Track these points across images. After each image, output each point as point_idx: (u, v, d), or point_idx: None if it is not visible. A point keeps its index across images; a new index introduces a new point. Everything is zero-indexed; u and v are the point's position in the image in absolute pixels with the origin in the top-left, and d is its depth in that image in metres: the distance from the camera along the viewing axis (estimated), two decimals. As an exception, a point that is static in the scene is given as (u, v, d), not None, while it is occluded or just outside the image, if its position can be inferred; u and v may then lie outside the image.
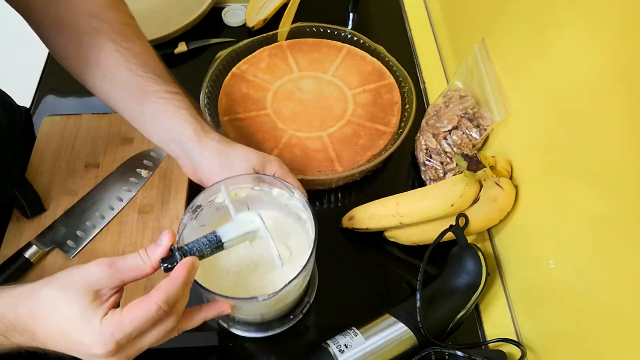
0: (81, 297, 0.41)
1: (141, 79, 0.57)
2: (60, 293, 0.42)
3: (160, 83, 0.58)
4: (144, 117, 0.58)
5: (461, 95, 0.69)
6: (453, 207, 0.59)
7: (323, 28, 0.85)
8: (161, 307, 0.42)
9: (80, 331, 0.41)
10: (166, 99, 0.57)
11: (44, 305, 0.42)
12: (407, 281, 0.65)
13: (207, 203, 0.55)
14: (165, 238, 0.45)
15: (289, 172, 0.59)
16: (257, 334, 0.59)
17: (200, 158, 0.56)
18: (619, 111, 0.43)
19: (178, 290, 0.43)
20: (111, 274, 0.42)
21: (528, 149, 0.59)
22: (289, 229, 0.58)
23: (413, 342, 0.54)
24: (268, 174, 0.57)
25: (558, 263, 0.52)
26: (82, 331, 0.41)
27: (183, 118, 0.56)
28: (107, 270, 0.42)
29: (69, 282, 0.42)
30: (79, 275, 0.42)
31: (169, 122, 0.57)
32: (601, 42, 0.45)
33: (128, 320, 0.41)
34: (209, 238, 0.48)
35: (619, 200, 0.43)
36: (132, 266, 0.43)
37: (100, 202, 0.67)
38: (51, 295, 0.42)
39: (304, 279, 0.55)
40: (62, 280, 0.43)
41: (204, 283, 0.48)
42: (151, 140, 0.59)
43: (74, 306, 0.41)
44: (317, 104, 0.77)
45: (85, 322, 0.41)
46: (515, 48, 0.61)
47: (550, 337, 0.54)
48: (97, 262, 0.43)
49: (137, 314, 0.42)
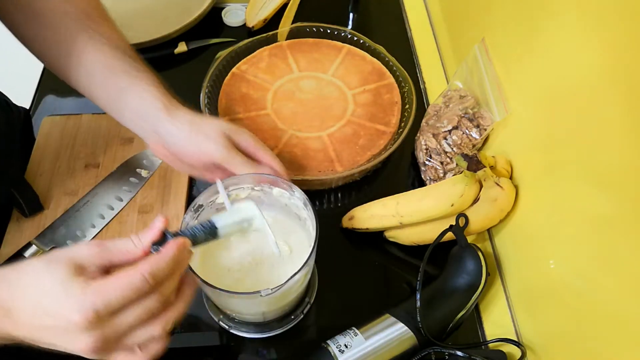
0: (65, 268, 0.39)
1: (110, 60, 0.57)
2: (44, 266, 0.40)
3: (129, 63, 0.58)
4: (114, 98, 0.58)
5: (461, 95, 0.69)
6: (453, 207, 0.59)
7: (323, 28, 0.85)
8: (146, 278, 0.39)
9: (59, 299, 0.39)
10: (136, 78, 0.57)
11: (26, 277, 0.40)
12: (407, 281, 0.65)
13: (208, 203, 0.55)
14: (157, 222, 0.43)
15: (262, 144, 0.59)
16: (257, 335, 0.59)
17: (172, 128, 0.56)
18: (618, 111, 0.43)
19: (166, 265, 0.41)
20: (99, 252, 0.41)
21: (528, 149, 0.59)
22: (290, 228, 0.58)
23: (413, 342, 0.54)
24: (241, 142, 0.57)
25: (558, 263, 0.52)
26: (62, 298, 0.39)
27: (153, 95, 0.57)
28: (95, 248, 0.41)
29: (54, 256, 0.40)
30: (66, 251, 0.41)
31: (140, 101, 0.57)
32: (601, 42, 0.45)
33: (110, 287, 0.39)
34: (203, 224, 0.47)
35: (619, 200, 0.43)
36: (123, 248, 0.42)
37: (100, 202, 0.67)
38: (35, 268, 0.40)
39: (306, 276, 0.55)
40: (48, 256, 0.41)
41: (207, 280, 0.48)
42: (120, 121, 0.59)
43: (56, 275, 0.39)
44: (317, 104, 0.77)
45: (65, 289, 0.39)
46: (515, 48, 0.61)
47: (550, 337, 0.54)
48: (87, 241, 0.42)
49: (120, 282, 0.39)
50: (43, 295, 0.40)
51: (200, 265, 0.53)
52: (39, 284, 0.40)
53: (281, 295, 0.51)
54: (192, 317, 0.61)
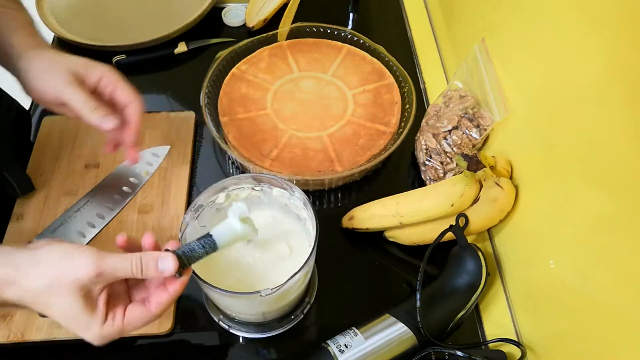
0: (74, 300, 0.43)
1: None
2: (50, 293, 0.43)
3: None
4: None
5: (461, 95, 0.69)
6: (453, 207, 0.59)
7: (323, 28, 0.85)
8: (157, 317, 0.47)
9: (80, 328, 0.45)
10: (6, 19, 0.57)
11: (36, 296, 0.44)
12: (407, 281, 0.65)
13: (208, 203, 0.55)
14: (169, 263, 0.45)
15: (121, 79, 0.58)
16: (257, 335, 0.59)
17: (26, 64, 0.55)
18: (619, 111, 0.43)
19: (172, 302, 0.47)
20: (98, 282, 0.44)
21: (528, 149, 0.59)
22: (289, 228, 0.58)
23: (413, 342, 0.54)
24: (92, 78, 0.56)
25: (558, 263, 0.52)
26: (83, 330, 0.45)
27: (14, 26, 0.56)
28: (94, 279, 0.43)
29: (57, 283, 0.43)
30: (67, 276, 0.43)
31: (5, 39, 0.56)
32: (601, 42, 0.45)
33: (128, 329, 0.46)
34: (203, 244, 0.47)
35: (619, 200, 0.43)
36: (122, 275, 0.45)
37: (100, 202, 0.67)
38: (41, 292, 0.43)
39: (306, 275, 0.55)
40: (50, 278, 0.43)
41: (207, 280, 0.48)
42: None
43: (68, 308, 0.44)
44: (317, 104, 0.77)
45: (85, 326, 0.45)
46: (515, 48, 0.61)
47: (550, 337, 0.54)
48: (85, 262, 0.43)
49: (136, 324, 0.46)
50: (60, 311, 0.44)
51: (200, 266, 0.53)
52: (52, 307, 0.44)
53: (281, 295, 0.51)
54: (192, 317, 0.61)
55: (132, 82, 0.83)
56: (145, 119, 0.75)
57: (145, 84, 0.84)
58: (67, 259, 0.44)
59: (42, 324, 0.58)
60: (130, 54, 0.83)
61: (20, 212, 0.66)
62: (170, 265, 0.45)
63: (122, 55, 0.83)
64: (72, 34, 0.85)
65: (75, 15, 0.88)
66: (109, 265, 0.44)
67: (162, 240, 0.64)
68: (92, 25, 0.87)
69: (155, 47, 0.85)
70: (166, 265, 0.45)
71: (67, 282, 0.43)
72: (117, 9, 0.90)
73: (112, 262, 0.44)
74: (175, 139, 0.74)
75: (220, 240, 0.48)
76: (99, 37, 0.85)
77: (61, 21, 0.87)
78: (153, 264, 0.45)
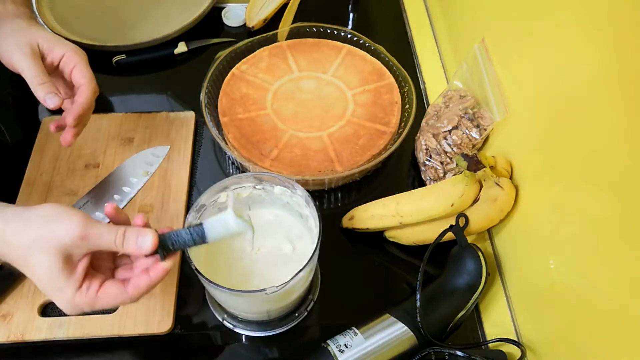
0: (53, 259, 0.43)
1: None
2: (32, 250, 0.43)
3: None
4: None
5: (461, 95, 0.69)
6: (453, 207, 0.59)
7: (323, 28, 0.85)
8: (133, 300, 0.46)
9: (53, 290, 0.45)
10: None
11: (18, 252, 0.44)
12: (407, 281, 0.65)
13: (210, 203, 0.55)
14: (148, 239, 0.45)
15: (83, 61, 0.58)
16: (260, 333, 0.59)
17: (1, 29, 0.56)
18: (618, 111, 0.43)
19: (152, 287, 0.46)
20: (82, 245, 0.44)
21: (528, 149, 0.59)
22: (292, 226, 0.58)
23: (413, 342, 0.54)
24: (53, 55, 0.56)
25: (558, 263, 0.52)
26: (56, 292, 0.45)
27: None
28: (79, 242, 0.43)
29: (41, 240, 0.43)
30: (52, 236, 0.43)
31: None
32: (601, 42, 0.45)
33: (101, 302, 0.45)
34: (191, 231, 0.46)
35: (618, 200, 0.43)
36: (105, 244, 0.45)
37: (100, 203, 0.67)
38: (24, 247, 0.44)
39: (310, 272, 0.55)
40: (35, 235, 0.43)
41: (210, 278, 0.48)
42: None
43: (47, 267, 0.43)
44: (317, 104, 0.77)
45: (58, 288, 0.44)
46: (515, 48, 0.61)
47: (550, 337, 0.54)
48: (72, 225, 0.43)
49: (109, 301, 0.46)
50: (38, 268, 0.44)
51: (204, 265, 0.53)
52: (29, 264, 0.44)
53: (286, 292, 0.51)
54: (192, 317, 0.61)
55: (132, 82, 0.84)
56: (145, 119, 0.76)
57: (145, 84, 0.84)
58: (56, 219, 0.44)
59: (42, 324, 0.58)
60: (130, 54, 0.83)
61: (20, 212, 0.66)
62: (149, 241, 0.45)
63: (122, 55, 0.83)
64: (72, 34, 0.85)
65: (75, 15, 0.88)
66: (94, 232, 0.44)
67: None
68: (92, 25, 0.87)
69: (155, 47, 0.85)
70: (146, 241, 0.45)
71: (51, 240, 0.43)
72: (117, 9, 0.90)
73: (98, 230, 0.44)
74: (175, 139, 0.74)
75: (210, 231, 0.47)
76: (99, 37, 0.84)
77: (61, 21, 0.87)
78: (134, 238, 0.45)
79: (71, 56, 0.57)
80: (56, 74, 0.58)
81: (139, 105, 0.80)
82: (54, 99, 0.56)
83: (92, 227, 0.44)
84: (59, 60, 0.57)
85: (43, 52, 0.56)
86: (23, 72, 0.55)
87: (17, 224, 0.44)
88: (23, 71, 0.55)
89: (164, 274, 0.46)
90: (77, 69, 0.57)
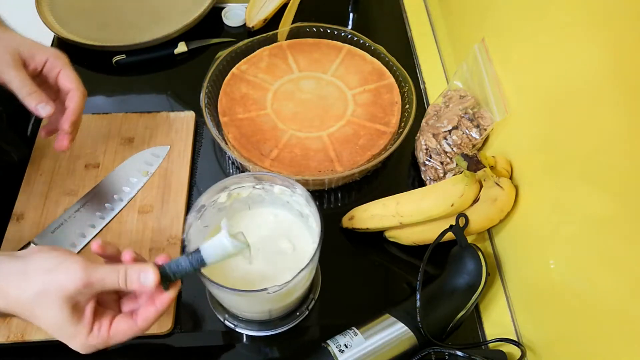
0: (60, 310, 0.43)
1: None
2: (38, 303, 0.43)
3: None
4: None
5: (461, 95, 0.69)
6: (453, 207, 0.59)
7: (323, 28, 0.85)
8: (144, 331, 0.47)
9: (65, 337, 0.45)
10: None
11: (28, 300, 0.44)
12: (407, 281, 0.65)
13: (210, 203, 0.55)
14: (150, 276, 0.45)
15: (67, 65, 0.57)
16: (261, 333, 0.59)
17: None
18: (619, 111, 0.43)
19: (159, 317, 0.47)
20: (87, 292, 0.44)
21: (528, 149, 0.59)
22: (292, 226, 0.58)
23: (413, 342, 0.54)
24: (36, 61, 0.55)
25: (558, 263, 0.52)
26: (68, 339, 0.45)
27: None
28: (83, 289, 0.44)
29: (45, 293, 0.43)
30: (55, 288, 0.43)
31: None
32: (601, 42, 0.45)
33: (113, 340, 0.46)
34: (190, 259, 0.47)
35: (618, 200, 0.43)
36: (109, 286, 0.45)
37: (100, 202, 0.67)
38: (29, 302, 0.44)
39: (312, 271, 0.55)
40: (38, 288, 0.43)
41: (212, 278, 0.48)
42: None
43: (55, 318, 0.44)
44: (317, 104, 0.77)
45: (70, 336, 0.45)
46: (515, 48, 0.61)
47: (550, 337, 0.54)
48: (74, 273, 0.43)
49: (122, 337, 0.46)
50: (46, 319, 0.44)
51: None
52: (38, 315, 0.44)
53: (287, 292, 0.51)
54: (192, 317, 0.61)
55: (132, 82, 0.84)
56: (145, 119, 0.76)
57: (145, 84, 0.84)
58: (57, 268, 0.44)
59: (42, 324, 0.58)
60: (130, 54, 0.83)
61: (20, 212, 0.66)
62: (151, 278, 0.45)
63: (122, 55, 0.83)
64: (72, 34, 0.85)
65: (75, 15, 0.88)
66: (97, 277, 0.44)
67: (161, 240, 0.64)
68: (92, 25, 0.87)
69: (155, 47, 0.85)
70: (148, 277, 0.45)
71: (55, 293, 0.43)
72: (117, 9, 0.90)
73: (101, 274, 0.44)
74: (175, 139, 0.74)
75: (208, 256, 0.47)
76: (99, 37, 0.85)
77: (61, 21, 0.87)
78: (136, 276, 0.45)
79: (54, 61, 0.57)
80: (39, 80, 0.57)
81: (139, 105, 0.80)
82: (45, 107, 0.55)
83: (94, 272, 0.44)
84: (42, 66, 0.57)
85: (25, 60, 0.55)
86: (9, 84, 0.54)
87: (16, 280, 0.44)
88: (9, 83, 0.54)
89: (169, 302, 0.47)
90: (63, 73, 0.57)
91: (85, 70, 0.84)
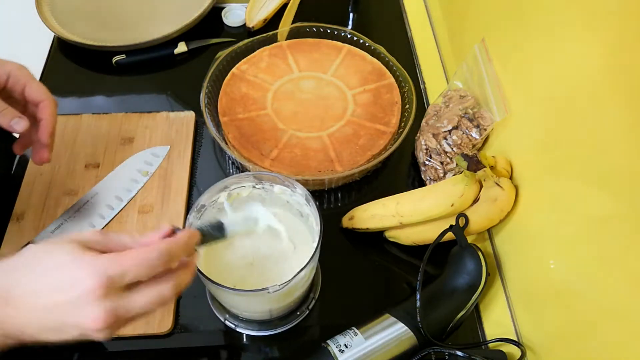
0: (72, 245, 0.39)
1: None
2: (47, 247, 0.40)
3: None
4: None
5: (461, 95, 0.69)
6: (453, 207, 0.59)
7: (323, 28, 0.85)
8: (162, 254, 0.40)
9: (70, 269, 0.38)
10: None
11: (30, 256, 0.40)
12: (407, 281, 0.65)
13: (210, 203, 0.55)
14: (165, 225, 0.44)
15: (31, 77, 0.56)
16: (262, 332, 0.59)
17: None
18: (619, 111, 0.43)
19: (179, 248, 0.42)
20: (103, 238, 0.41)
21: (528, 149, 0.59)
22: (292, 225, 0.58)
23: (413, 342, 0.54)
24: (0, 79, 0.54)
25: (558, 263, 0.52)
26: (74, 268, 0.38)
27: None
28: (99, 235, 0.41)
29: (58, 239, 0.40)
30: (70, 235, 0.41)
31: None
32: (601, 42, 0.45)
33: (126, 258, 0.39)
34: (211, 222, 0.48)
35: (618, 200, 0.43)
36: (124, 241, 0.42)
37: (100, 202, 0.67)
38: (34, 252, 0.40)
39: (312, 270, 0.55)
40: (49, 241, 0.41)
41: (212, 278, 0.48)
42: None
43: (64, 251, 0.39)
44: (317, 104, 0.77)
45: (76, 260, 0.38)
46: (515, 48, 0.61)
47: (550, 337, 0.54)
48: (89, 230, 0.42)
49: (135, 255, 0.39)
50: (51, 271, 0.39)
51: (205, 265, 0.53)
52: (42, 263, 0.40)
53: (288, 291, 0.51)
54: (196, 317, 0.61)
55: (132, 82, 0.84)
56: (145, 119, 0.76)
57: (145, 84, 0.84)
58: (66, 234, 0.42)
59: (42, 324, 0.58)
60: (130, 54, 0.83)
61: (20, 212, 0.66)
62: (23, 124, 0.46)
63: (122, 55, 0.83)
64: (72, 34, 0.85)
65: (75, 15, 0.88)
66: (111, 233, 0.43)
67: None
68: (92, 25, 0.87)
69: (155, 47, 0.85)
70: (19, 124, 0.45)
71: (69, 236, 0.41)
72: (117, 9, 0.90)
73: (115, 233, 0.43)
74: (175, 139, 0.74)
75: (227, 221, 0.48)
76: (99, 37, 0.84)
77: (61, 21, 0.87)
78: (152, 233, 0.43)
79: (17, 75, 0.56)
80: (3, 95, 0.56)
81: (139, 105, 0.80)
82: (20, 122, 0.55)
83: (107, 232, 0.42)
84: (5, 82, 0.56)
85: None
86: None
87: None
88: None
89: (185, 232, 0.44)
90: (30, 86, 0.56)
91: (85, 70, 0.84)
